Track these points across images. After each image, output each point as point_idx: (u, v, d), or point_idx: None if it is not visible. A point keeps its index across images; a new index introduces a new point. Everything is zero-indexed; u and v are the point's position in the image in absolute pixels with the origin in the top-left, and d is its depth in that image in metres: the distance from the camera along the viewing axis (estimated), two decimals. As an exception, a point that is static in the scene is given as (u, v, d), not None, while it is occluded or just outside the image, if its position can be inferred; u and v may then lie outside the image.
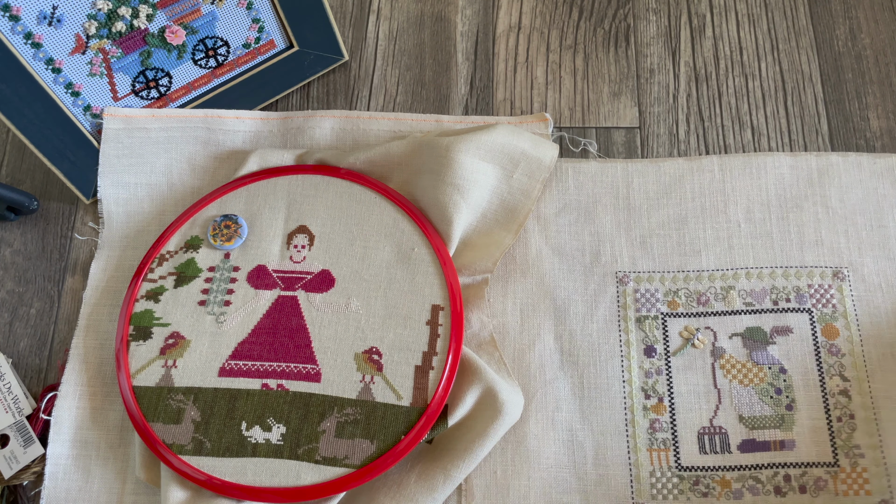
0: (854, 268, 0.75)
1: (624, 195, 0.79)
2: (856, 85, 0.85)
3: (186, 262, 0.74)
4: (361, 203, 0.76)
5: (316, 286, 0.73)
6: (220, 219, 0.75)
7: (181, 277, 0.73)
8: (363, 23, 0.89)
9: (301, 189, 0.77)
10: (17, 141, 0.84)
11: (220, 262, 0.74)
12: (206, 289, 0.73)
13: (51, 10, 0.70)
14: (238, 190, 0.77)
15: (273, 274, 0.74)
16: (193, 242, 0.75)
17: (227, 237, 0.74)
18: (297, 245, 0.75)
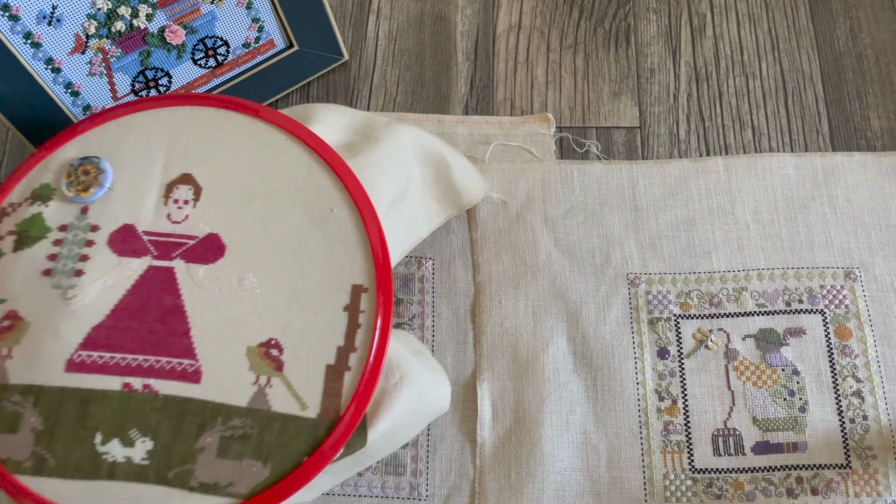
0: (865, 268, 0.75)
1: (630, 197, 0.78)
2: (856, 85, 0.84)
3: (31, 218, 0.58)
4: (267, 147, 0.60)
5: (200, 255, 0.57)
6: (78, 162, 0.60)
7: (23, 238, 0.58)
8: (363, 22, 0.89)
9: (188, 125, 0.61)
10: (17, 141, 0.84)
11: (75, 218, 0.58)
12: (53, 254, 0.57)
13: (50, 9, 0.70)
14: (107, 124, 0.61)
15: (143, 237, 0.58)
16: (42, 193, 0.59)
17: (84, 186, 0.59)
18: (177, 200, 0.59)
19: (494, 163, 0.80)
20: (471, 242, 0.77)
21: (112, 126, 0.61)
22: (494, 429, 0.71)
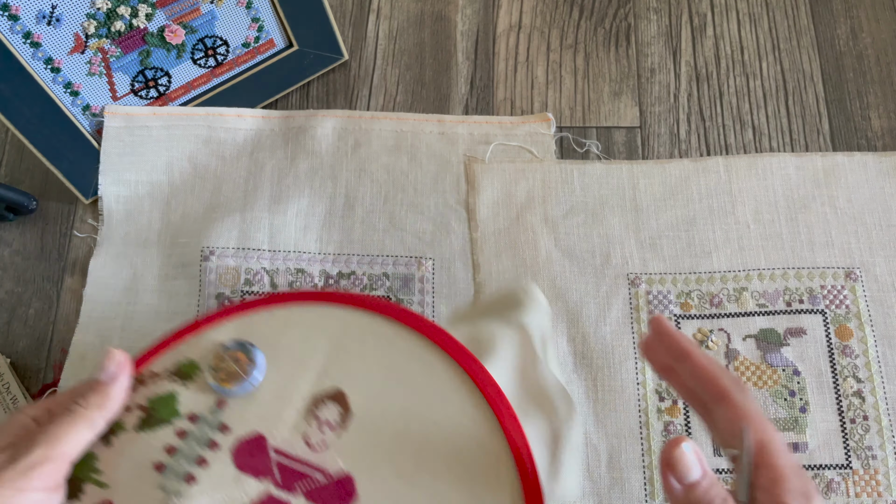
0: (866, 268, 0.75)
1: (630, 196, 0.78)
2: (857, 84, 0.84)
3: (165, 396, 0.50)
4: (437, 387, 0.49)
5: (325, 498, 0.46)
6: (232, 345, 0.51)
7: (150, 417, 0.50)
8: (363, 22, 0.89)
9: (357, 334, 0.51)
10: (16, 140, 0.84)
11: (208, 410, 0.50)
12: (173, 446, 0.48)
13: (50, 9, 0.70)
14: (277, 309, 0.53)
15: (272, 455, 0.48)
16: (186, 370, 0.51)
17: (228, 375, 0.50)
18: (322, 420, 0.49)
19: (494, 163, 0.80)
20: (471, 242, 0.77)
21: (279, 313, 0.53)
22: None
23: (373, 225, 0.78)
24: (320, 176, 0.79)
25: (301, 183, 0.79)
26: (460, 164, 0.80)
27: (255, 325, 0.52)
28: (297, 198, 0.78)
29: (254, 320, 0.53)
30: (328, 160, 0.80)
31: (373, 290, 0.75)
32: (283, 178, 0.79)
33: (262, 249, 0.76)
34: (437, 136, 0.81)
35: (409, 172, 0.80)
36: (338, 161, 0.80)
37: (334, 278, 0.76)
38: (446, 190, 0.79)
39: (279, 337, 0.51)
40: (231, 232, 0.76)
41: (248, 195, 0.79)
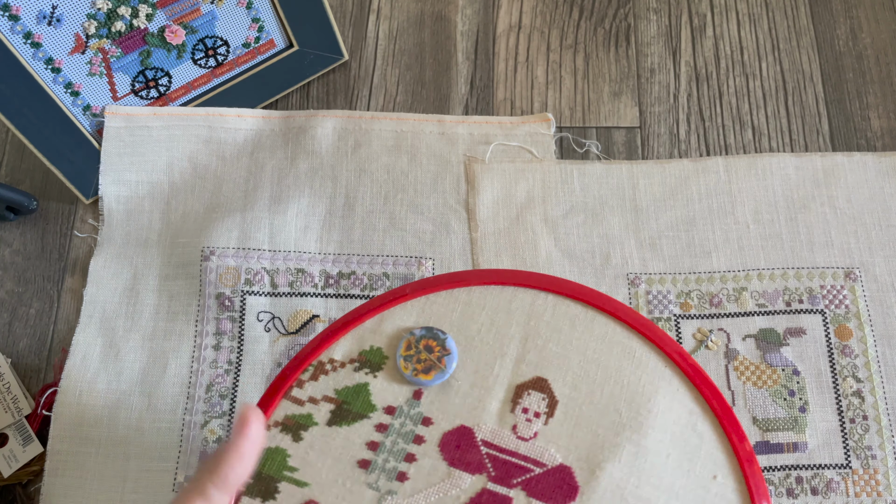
0: (866, 268, 0.75)
1: (630, 197, 0.78)
2: (856, 84, 0.84)
3: (356, 388, 0.48)
4: (639, 368, 0.48)
5: (546, 491, 0.45)
6: (421, 332, 0.49)
7: (342, 411, 0.47)
8: (363, 22, 0.89)
9: (550, 318, 0.49)
10: (17, 141, 0.84)
11: (405, 403, 0.48)
12: (375, 442, 0.46)
13: (50, 9, 0.70)
14: (456, 291, 0.50)
15: (482, 447, 0.46)
16: (373, 359, 0.48)
17: (425, 366, 0.48)
18: (527, 409, 0.47)
19: (494, 163, 0.80)
20: (471, 242, 0.77)
21: (459, 295, 0.50)
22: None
23: (373, 225, 0.78)
24: (320, 176, 0.79)
25: (301, 183, 0.79)
26: (460, 165, 0.80)
27: (437, 309, 0.50)
28: (297, 198, 0.78)
29: (435, 303, 0.50)
30: (328, 160, 0.80)
31: (373, 290, 0.75)
32: (283, 178, 0.79)
33: (263, 249, 0.76)
34: (437, 137, 0.81)
35: (409, 172, 0.80)
36: (338, 161, 0.80)
37: (334, 278, 0.76)
38: (446, 190, 0.79)
39: (467, 322, 0.49)
40: (231, 232, 0.76)
41: (249, 195, 0.79)
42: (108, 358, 0.73)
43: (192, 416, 0.71)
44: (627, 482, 0.45)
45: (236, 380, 0.72)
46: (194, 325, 0.74)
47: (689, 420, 0.47)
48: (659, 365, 0.48)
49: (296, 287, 0.75)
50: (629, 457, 0.45)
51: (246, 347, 0.73)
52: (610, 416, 0.47)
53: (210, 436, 0.71)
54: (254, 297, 0.75)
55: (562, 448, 0.46)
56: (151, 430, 0.71)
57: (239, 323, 0.74)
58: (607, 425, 0.46)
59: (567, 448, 0.46)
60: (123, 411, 0.72)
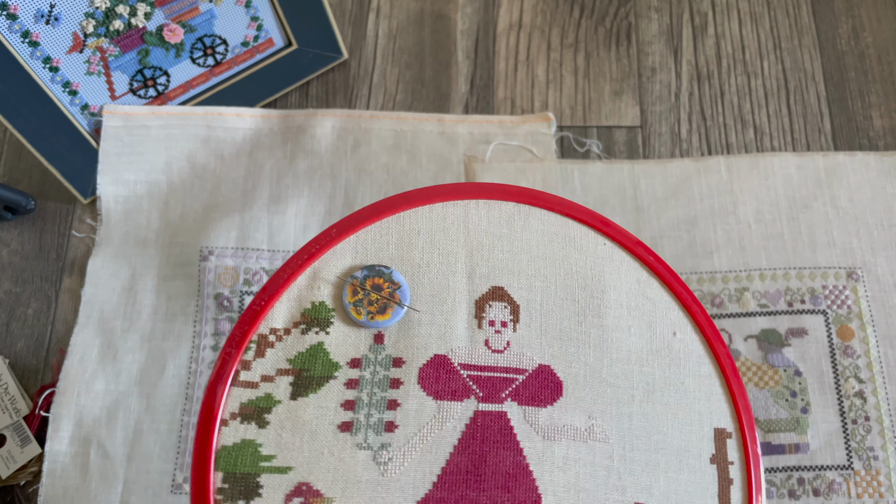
0: (868, 268, 0.75)
1: (631, 196, 0.78)
2: (858, 84, 0.84)
3: (310, 350, 0.44)
4: (583, 252, 0.48)
5: (534, 395, 0.44)
6: (363, 273, 0.46)
7: (303, 379, 0.44)
8: (363, 21, 0.89)
9: (486, 224, 0.48)
10: (15, 140, 0.84)
11: (369, 350, 0.45)
12: (350, 400, 0.43)
13: (48, 8, 0.69)
14: (382, 222, 0.47)
15: (461, 371, 0.45)
16: (318, 315, 0.45)
17: (378, 307, 0.45)
18: (493, 321, 0.46)
19: (495, 162, 0.80)
20: (471, 242, 0.77)
21: (389, 224, 0.47)
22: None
23: (372, 225, 0.77)
24: (319, 175, 0.79)
25: (300, 182, 0.79)
26: (460, 164, 0.80)
27: (370, 245, 0.47)
28: (296, 197, 0.78)
29: (366, 240, 0.47)
30: (327, 159, 0.80)
31: (372, 291, 0.75)
32: (282, 178, 0.79)
33: (262, 249, 0.76)
34: (437, 136, 0.81)
35: (408, 172, 0.80)
36: (337, 160, 0.80)
37: (334, 278, 0.75)
38: (446, 189, 0.79)
39: (406, 250, 0.47)
40: (230, 232, 0.76)
41: (247, 195, 0.78)
42: (107, 358, 0.73)
43: (191, 416, 0.71)
44: (602, 364, 0.45)
45: (235, 381, 0.72)
46: (193, 326, 0.74)
47: (638, 289, 0.48)
48: (598, 243, 0.48)
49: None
50: (597, 340, 0.46)
51: (245, 348, 0.73)
52: (569, 307, 0.46)
53: (208, 437, 0.71)
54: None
55: (536, 350, 0.45)
56: (150, 430, 0.71)
57: (238, 323, 0.73)
58: (569, 316, 0.46)
59: (541, 348, 0.45)
60: (122, 412, 0.71)
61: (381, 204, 0.48)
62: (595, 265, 0.48)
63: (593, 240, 0.49)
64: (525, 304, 0.46)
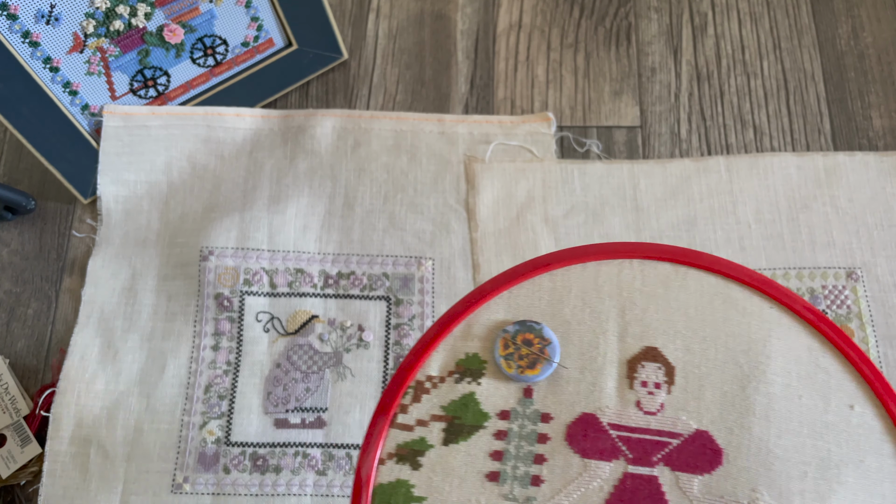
0: (867, 268, 0.75)
1: (631, 196, 0.78)
2: (858, 84, 0.84)
3: (462, 399, 0.45)
4: (746, 315, 0.46)
5: (689, 461, 0.43)
6: (515, 328, 0.46)
7: (455, 427, 0.45)
8: (362, 21, 0.89)
9: (640, 284, 0.47)
10: (15, 140, 0.84)
11: (518, 403, 0.45)
12: (497, 450, 0.44)
13: (48, 8, 0.69)
14: (536, 279, 0.48)
15: (610, 431, 0.44)
16: (471, 365, 0.46)
17: (528, 361, 0.46)
18: (645, 382, 0.45)
19: (495, 162, 0.80)
20: (471, 242, 0.77)
21: (542, 281, 0.48)
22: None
23: (372, 225, 0.77)
24: (319, 175, 0.79)
25: (300, 182, 0.79)
26: (460, 164, 0.80)
27: (522, 301, 0.47)
28: (296, 197, 0.78)
29: (518, 295, 0.47)
30: (327, 160, 0.80)
31: (372, 290, 0.75)
32: (282, 178, 0.79)
33: (262, 249, 0.76)
34: (437, 136, 0.81)
35: (408, 172, 0.80)
36: (337, 161, 0.80)
37: (334, 278, 0.75)
38: (446, 190, 0.79)
39: (557, 307, 0.47)
40: (230, 232, 0.76)
41: (247, 195, 0.79)
42: (107, 358, 0.73)
43: (191, 416, 0.71)
44: (768, 434, 0.43)
45: (235, 380, 0.72)
46: (193, 326, 0.74)
47: (809, 357, 0.45)
48: (764, 307, 0.46)
49: (295, 287, 0.75)
50: (762, 408, 0.43)
51: (245, 348, 0.73)
52: (731, 371, 0.44)
53: (209, 436, 0.71)
54: (253, 298, 0.74)
55: (692, 414, 0.44)
56: (150, 430, 0.71)
57: (238, 323, 0.74)
58: (731, 380, 0.44)
59: (698, 413, 0.44)
60: (122, 412, 0.71)
61: (535, 261, 0.48)
62: (760, 328, 0.45)
63: (757, 303, 0.46)
64: (681, 365, 0.45)
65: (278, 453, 0.70)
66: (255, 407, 0.72)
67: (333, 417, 0.71)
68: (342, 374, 0.73)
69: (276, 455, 0.70)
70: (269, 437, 0.71)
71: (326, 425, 0.71)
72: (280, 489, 0.69)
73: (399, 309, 0.75)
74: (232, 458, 0.70)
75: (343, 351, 0.73)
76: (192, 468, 0.70)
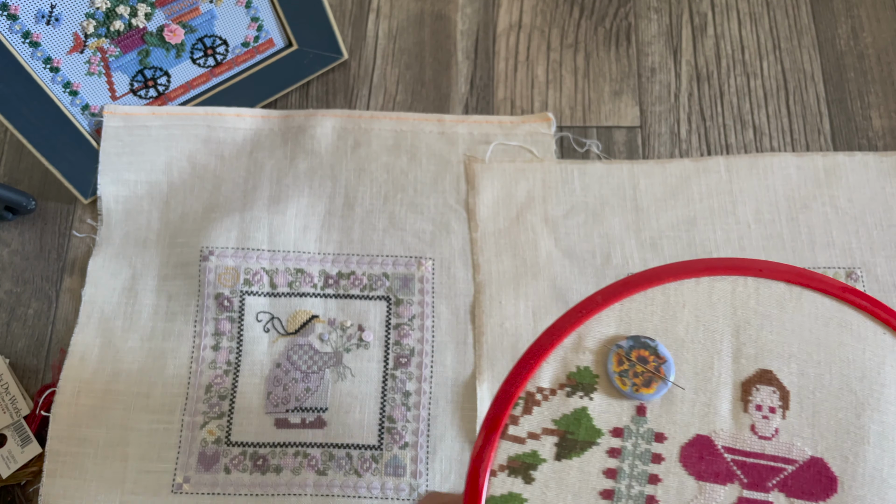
0: (867, 268, 0.75)
1: (631, 196, 0.78)
2: (858, 84, 0.84)
3: (574, 414, 0.45)
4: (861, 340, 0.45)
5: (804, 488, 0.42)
6: (629, 343, 0.45)
7: (567, 442, 0.44)
8: (363, 21, 0.89)
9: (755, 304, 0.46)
10: (15, 140, 0.84)
11: (631, 421, 0.45)
12: (611, 468, 0.43)
13: (49, 8, 0.69)
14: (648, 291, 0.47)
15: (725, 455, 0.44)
16: (583, 380, 0.45)
17: (644, 379, 0.45)
18: (760, 406, 0.44)
19: (495, 162, 0.80)
20: (471, 242, 0.77)
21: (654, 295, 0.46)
22: (495, 430, 0.70)
23: (372, 225, 0.77)
24: (320, 176, 0.79)
25: (300, 183, 0.79)
26: (460, 164, 0.80)
27: (634, 315, 0.46)
28: (296, 197, 0.78)
29: (631, 309, 0.46)
30: (328, 160, 0.80)
31: (372, 290, 0.75)
32: (282, 178, 0.79)
33: (262, 249, 0.76)
34: (437, 136, 0.81)
35: (408, 172, 0.80)
36: (337, 161, 0.80)
37: (334, 278, 0.75)
38: (446, 190, 0.79)
39: (671, 324, 0.46)
40: (230, 232, 0.76)
41: (248, 195, 0.79)
42: (107, 358, 0.73)
43: (192, 416, 0.71)
44: (882, 463, 0.42)
45: (235, 380, 0.72)
46: (193, 326, 0.74)
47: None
48: (878, 332, 0.45)
49: (295, 287, 0.75)
50: (877, 437, 0.43)
51: (245, 348, 0.73)
52: (846, 398, 0.43)
53: (209, 437, 0.71)
54: (253, 298, 0.74)
55: (807, 440, 0.43)
56: (150, 430, 0.71)
57: (238, 323, 0.74)
58: (846, 408, 0.43)
59: (813, 439, 0.43)
60: (122, 412, 0.71)
61: (647, 274, 0.47)
62: (875, 355, 0.44)
63: (872, 328, 0.45)
64: (796, 390, 0.44)
65: (279, 453, 0.71)
66: (256, 407, 0.72)
67: (333, 417, 0.72)
68: (342, 374, 0.73)
69: (277, 455, 0.70)
70: (270, 437, 0.71)
71: (327, 425, 0.71)
72: (280, 489, 0.69)
73: (399, 309, 0.75)
74: (232, 458, 0.70)
75: (343, 351, 0.73)
76: (192, 468, 0.70)
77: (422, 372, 0.73)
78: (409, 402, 0.72)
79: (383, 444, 0.71)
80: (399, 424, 0.72)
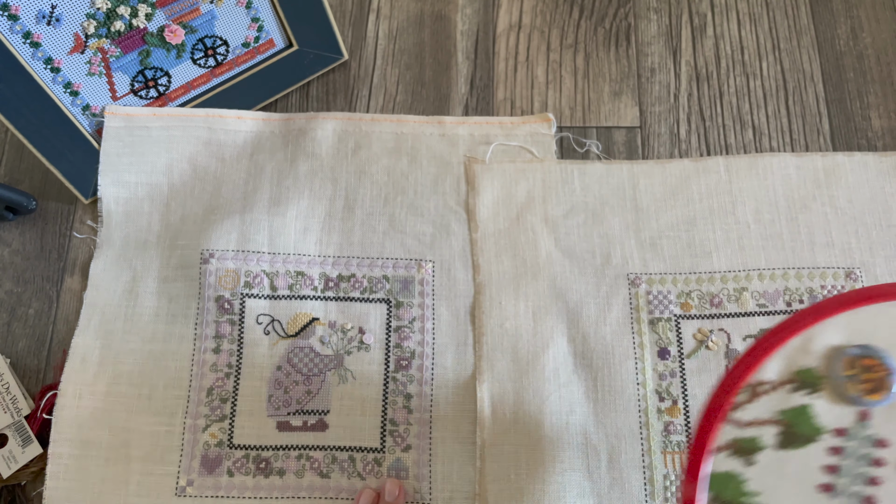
0: (866, 268, 0.75)
1: (631, 196, 0.78)
2: (857, 84, 0.84)
3: (798, 409, 0.46)
4: None
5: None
6: (858, 350, 0.46)
7: (789, 433, 0.46)
8: (363, 22, 0.89)
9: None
10: (16, 140, 0.84)
11: (854, 423, 0.46)
12: (832, 465, 0.45)
13: (49, 9, 0.69)
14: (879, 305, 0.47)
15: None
16: (807, 379, 0.47)
17: (871, 386, 0.46)
18: None
19: (495, 163, 0.80)
20: (471, 243, 0.77)
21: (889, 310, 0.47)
22: (494, 430, 0.71)
23: (373, 227, 0.78)
24: (320, 178, 0.79)
25: (301, 185, 0.79)
26: (460, 166, 0.80)
27: (863, 325, 0.46)
28: (296, 200, 0.78)
29: (859, 319, 0.46)
30: (328, 162, 0.80)
31: (372, 293, 0.75)
32: (282, 180, 0.79)
33: (262, 252, 0.76)
34: (438, 138, 0.81)
35: (409, 174, 0.80)
36: (338, 163, 0.80)
37: (334, 281, 0.76)
38: (446, 192, 0.79)
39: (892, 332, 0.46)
40: (230, 234, 0.76)
41: (248, 197, 0.79)
42: (108, 360, 0.73)
43: (194, 419, 0.71)
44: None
45: (237, 383, 0.72)
46: (194, 328, 0.74)
47: None
48: None
49: (295, 290, 0.75)
50: None
51: (246, 350, 0.73)
52: None
53: (211, 440, 0.71)
54: (253, 300, 0.75)
55: None
56: (152, 433, 0.71)
57: (238, 326, 0.74)
58: None
59: None
60: (124, 414, 0.72)
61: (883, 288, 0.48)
62: None
63: None
64: None
65: (281, 456, 0.71)
66: (257, 409, 0.72)
67: (335, 420, 0.72)
68: (343, 377, 0.73)
69: (280, 458, 0.71)
70: (272, 439, 0.71)
71: (329, 428, 0.72)
72: (284, 492, 0.70)
73: (399, 311, 0.75)
74: (235, 461, 0.70)
75: (344, 353, 0.74)
76: (195, 471, 0.70)
77: (423, 374, 0.73)
78: (411, 404, 0.72)
79: (386, 446, 0.71)
80: (401, 427, 0.72)
